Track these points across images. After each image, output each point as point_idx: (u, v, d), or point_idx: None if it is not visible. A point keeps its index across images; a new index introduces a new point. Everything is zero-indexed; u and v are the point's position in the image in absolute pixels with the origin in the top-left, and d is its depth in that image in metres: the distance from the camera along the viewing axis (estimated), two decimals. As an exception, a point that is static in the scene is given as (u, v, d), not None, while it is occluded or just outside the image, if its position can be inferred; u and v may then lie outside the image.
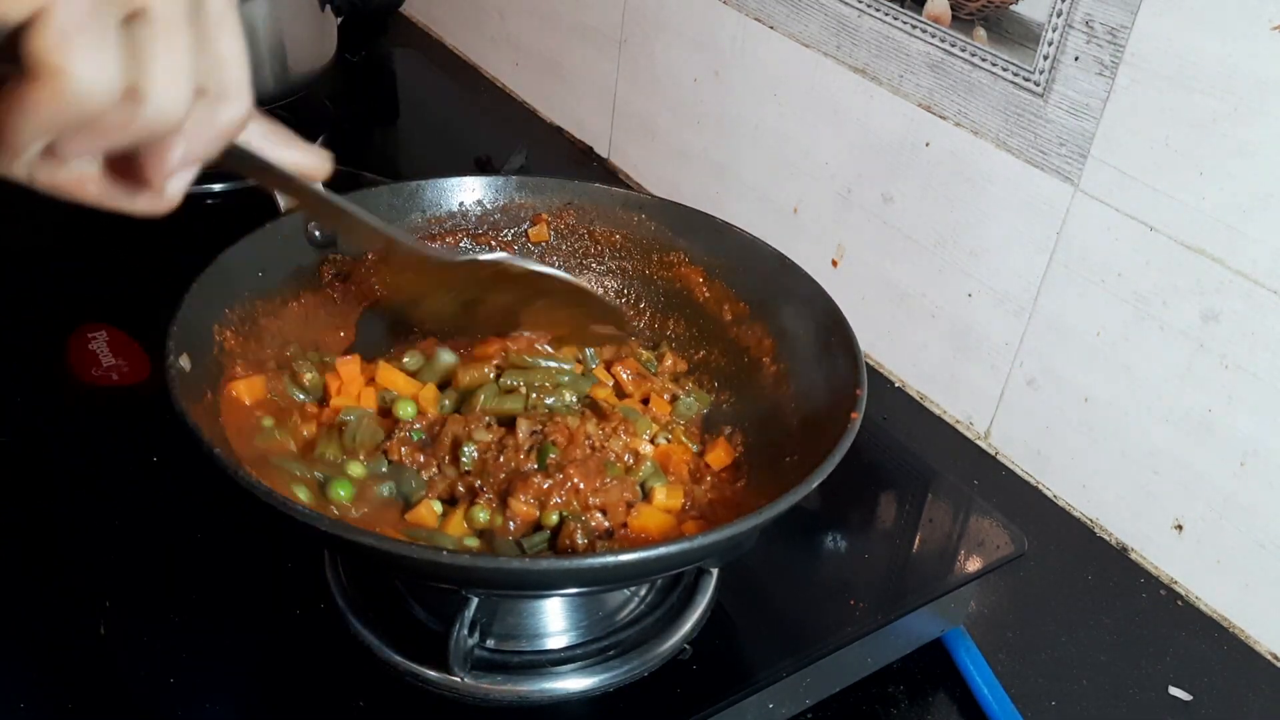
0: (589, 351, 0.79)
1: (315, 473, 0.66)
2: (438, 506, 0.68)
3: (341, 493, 0.65)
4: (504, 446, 0.69)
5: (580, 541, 0.65)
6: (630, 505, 0.68)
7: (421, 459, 0.70)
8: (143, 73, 0.36)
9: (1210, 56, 0.73)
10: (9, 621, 0.69)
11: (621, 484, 0.68)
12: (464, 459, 0.69)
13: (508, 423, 0.71)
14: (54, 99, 0.34)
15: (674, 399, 0.78)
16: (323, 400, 0.73)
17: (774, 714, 0.69)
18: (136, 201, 0.43)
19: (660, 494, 0.69)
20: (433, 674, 0.64)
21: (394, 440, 0.70)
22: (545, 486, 0.67)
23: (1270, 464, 0.78)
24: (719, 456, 0.74)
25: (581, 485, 0.67)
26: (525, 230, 0.85)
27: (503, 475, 0.68)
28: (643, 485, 0.70)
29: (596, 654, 0.67)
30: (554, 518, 0.66)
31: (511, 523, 0.66)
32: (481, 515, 0.66)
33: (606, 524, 0.67)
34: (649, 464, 0.71)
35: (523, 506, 0.66)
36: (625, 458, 0.71)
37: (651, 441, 0.73)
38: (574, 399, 0.75)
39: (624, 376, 0.78)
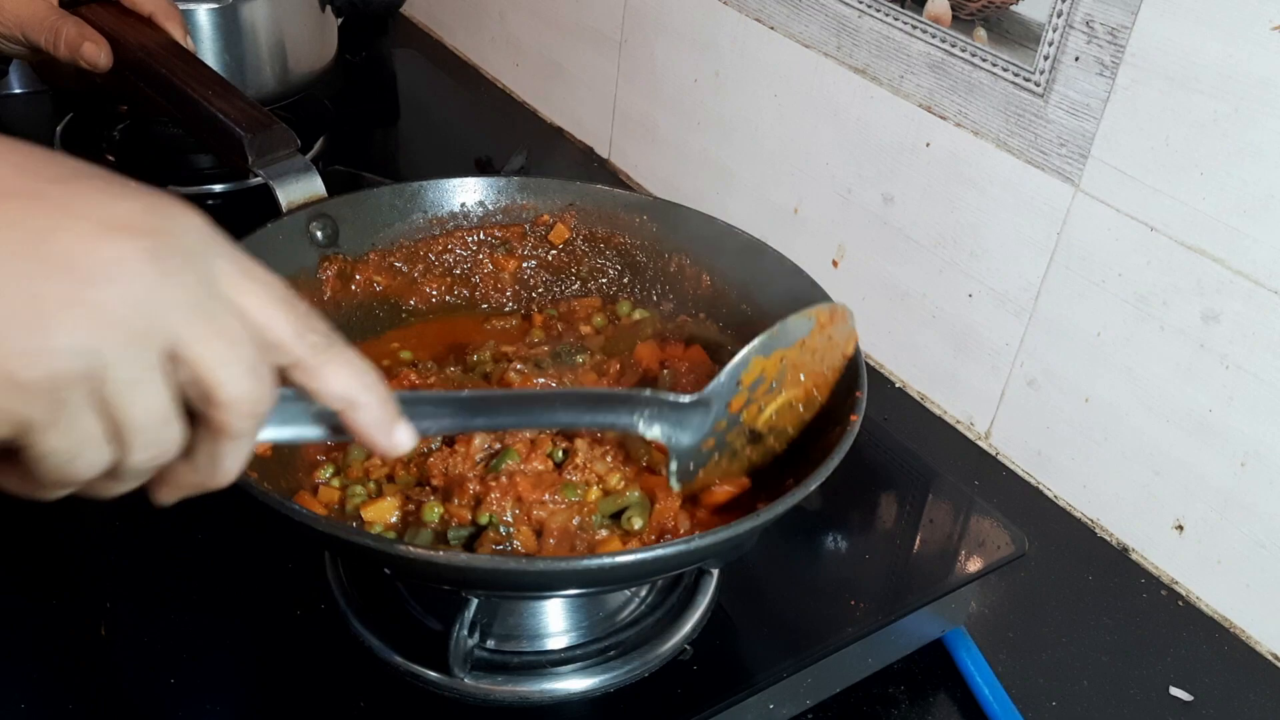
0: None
1: None
2: (336, 481, 0.69)
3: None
4: (454, 452, 0.68)
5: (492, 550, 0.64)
6: (579, 532, 0.65)
7: None
8: (125, 450, 0.39)
9: (1211, 56, 0.73)
10: (9, 621, 0.69)
11: (572, 509, 0.65)
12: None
13: None
14: (50, 475, 0.39)
15: None
16: None
17: (774, 714, 0.69)
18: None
19: (614, 543, 0.65)
20: (433, 675, 0.64)
21: None
22: (477, 489, 0.65)
23: (1271, 464, 0.77)
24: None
25: (524, 495, 0.65)
26: (545, 235, 0.85)
27: (441, 475, 0.67)
28: (620, 513, 0.67)
29: (597, 654, 0.67)
30: (485, 518, 0.64)
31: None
32: (434, 512, 0.66)
33: (521, 547, 0.64)
34: (633, 493, 0.68)
35: (458, 509, 0.65)
36: (613, 480, 0.68)
37: (646, 466, 0.70)
38: None
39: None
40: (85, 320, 0.35)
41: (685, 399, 0.61)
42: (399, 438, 0.46)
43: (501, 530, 0.64)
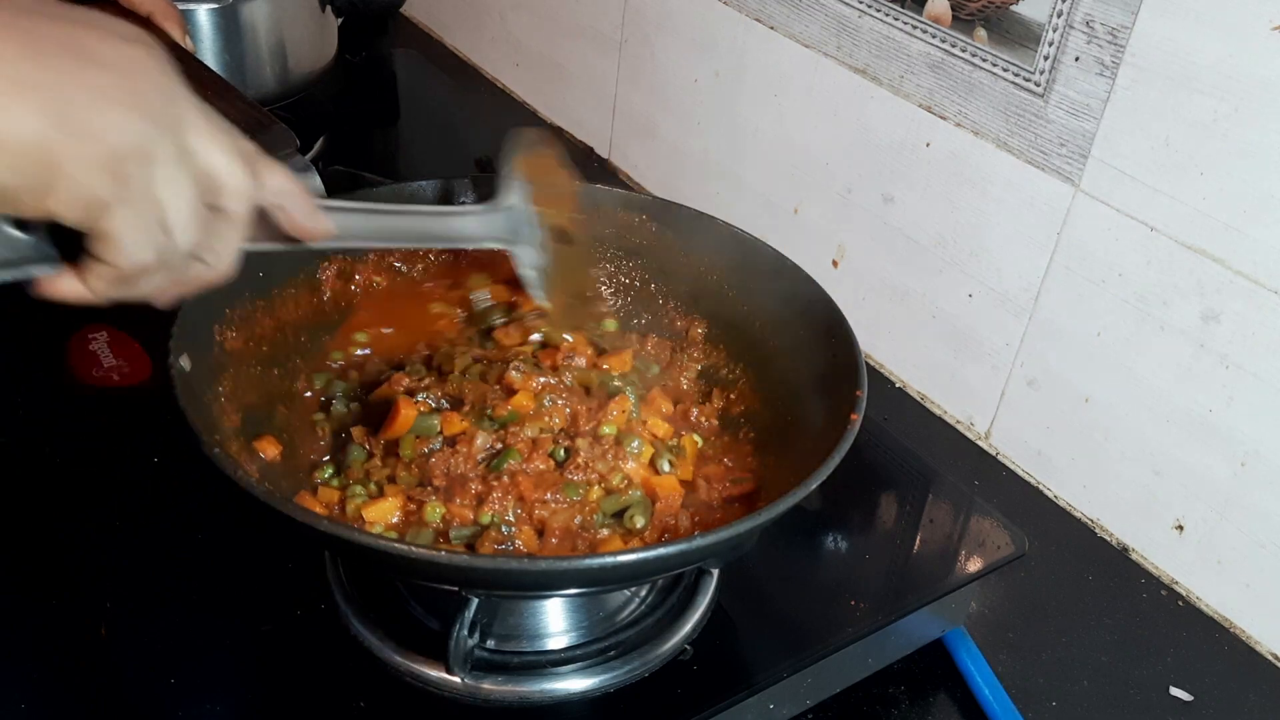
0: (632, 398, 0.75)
1: None
2: (335, 482, 0.69)
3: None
4: (455, 452, 0.68)
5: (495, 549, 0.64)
6: (580, 531, 0.66)
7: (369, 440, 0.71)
8: (169, 236, 0.46)
9: (1211, 56, 0.73)
10: (10, 622, 0.69)
11: (574, 508, 0.66)
12: (403, 452, 0.69)
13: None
14: (118, 258, 0.46)
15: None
16: None
17: (774, 714, 0.69)
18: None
19: (615, 543, 0.66)
20: (433, 674, 0.64)
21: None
22: (479, 488, 0.66)
23: (1271, 464, 0.77)
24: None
25: (525, 494, 0.66)
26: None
27: (443, 475, 0.67)
28: (623, 512, 0.67)
29: (597, 654, 0.67)
30: (487, 518, 0.65)
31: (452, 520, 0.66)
32: (435, 513, 0.66)
33: (523, 547, 0.65)
34: (635, 493, 0.68)
35: (460, 509, 0.65)
36: (615, 479, 0.68)
37: (652, 465, 0.70)
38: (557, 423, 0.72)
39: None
40: (132, 103, 0.43)
41: (499, 202, 0.72)
42: (325, 221, 0.56)
43: (503, 530, 0.64)
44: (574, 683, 0.65)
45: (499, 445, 0.68)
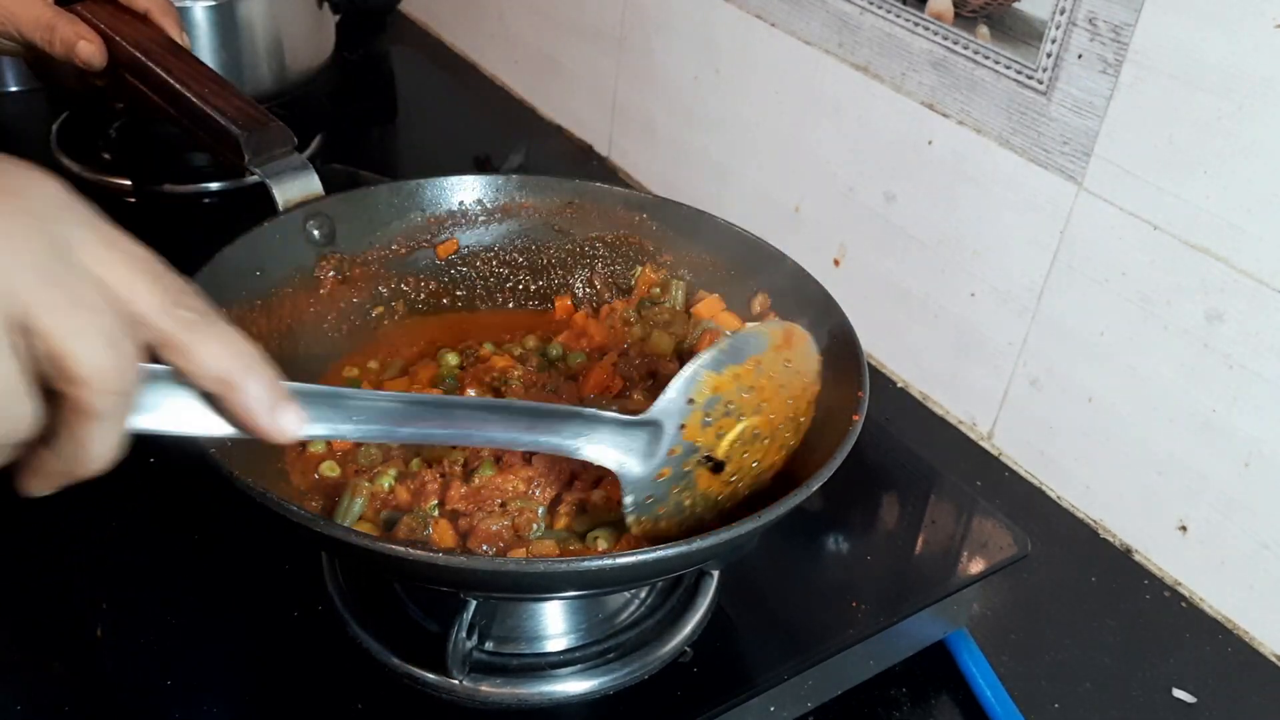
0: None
1: None
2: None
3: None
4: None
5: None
6: (515, 540, 0.64)
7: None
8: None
9: (1214, 54, 0.73)
10: (5, 623, 0.68)
11: (517, 517, 0.64)
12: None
13: None
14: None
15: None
16: None
17: (775, 717, 0.69)
18: None
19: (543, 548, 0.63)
20: (431, 677, 0.64)
21: None
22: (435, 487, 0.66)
23: (1275, 465, 0.77)
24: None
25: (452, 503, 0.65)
26: None
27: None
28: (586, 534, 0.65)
29: (596, 656, 0.66)
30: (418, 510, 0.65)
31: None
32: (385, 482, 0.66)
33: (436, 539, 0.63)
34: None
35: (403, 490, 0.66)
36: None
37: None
38: None
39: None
40: None
41: (631, 418, 0.57)
42: (283, 421, 0.43)
43: (420, 517, 0.63)
44: (573, 685, 0.65)
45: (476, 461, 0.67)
